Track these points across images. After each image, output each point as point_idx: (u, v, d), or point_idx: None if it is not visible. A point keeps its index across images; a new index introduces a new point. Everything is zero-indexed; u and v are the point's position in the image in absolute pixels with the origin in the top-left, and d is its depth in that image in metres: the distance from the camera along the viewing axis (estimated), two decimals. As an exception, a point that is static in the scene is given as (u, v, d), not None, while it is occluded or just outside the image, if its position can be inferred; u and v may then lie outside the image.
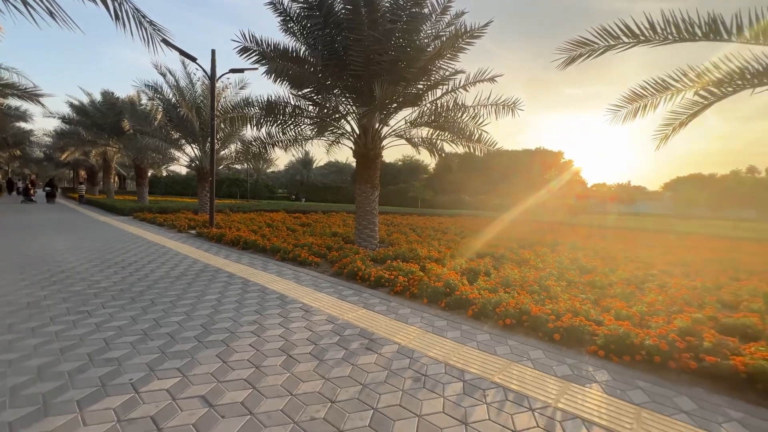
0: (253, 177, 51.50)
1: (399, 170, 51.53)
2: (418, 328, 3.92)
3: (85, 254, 7.27)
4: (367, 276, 5.74)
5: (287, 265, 6.86)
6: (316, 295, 4.98)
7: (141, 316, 3.97)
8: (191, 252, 7.94)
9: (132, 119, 17.55)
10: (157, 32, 5.66)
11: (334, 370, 2.95)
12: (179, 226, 11.89)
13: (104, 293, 4.75)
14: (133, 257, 7.15)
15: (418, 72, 7.61)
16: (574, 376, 2.98)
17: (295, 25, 8.15)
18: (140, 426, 2.19)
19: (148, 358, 3.02)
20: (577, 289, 5.36)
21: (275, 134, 9.54)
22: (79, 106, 23.03)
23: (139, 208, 16.92)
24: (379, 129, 8.95)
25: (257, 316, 4.09)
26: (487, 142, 9.13)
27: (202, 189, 15.95)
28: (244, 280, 5.64)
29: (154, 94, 15.39)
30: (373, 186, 8.91)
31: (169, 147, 15.92)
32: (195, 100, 15.20)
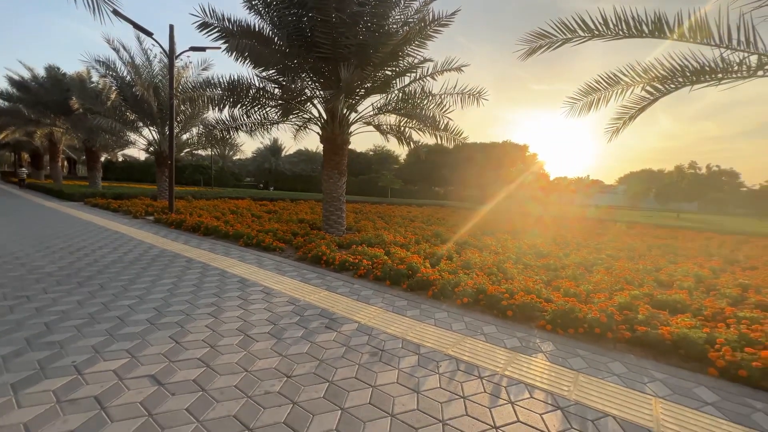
0: (218, 164, 49.52)
1: (370, 160, 51.38)
2: (379, 308, 4.00)
3: (28, 240, 6.75)
4: (331, 260, 5.74)
5: (250, 251, 6.71)
6: (279, 279, 4.92)
7: (88, 300, 3.76)
8: (147, 237, 7.57)
9: (81, 97, 16.25)
10: (105, 1, 5.25)
11: (291, 347, 2.96)
12: (135, 212, 11.27)
13: (47, 278, 4.45)
14: (82, 243, 6.72)
15: (386, 57, 7.57)
16: (522, 347, 3.17)
17: (259, 2, 7.84)
18: (82, 406, 2.11)
19: (94, 341, 2.89)
20: (532, 271, 5.65)
21: (239, 117, 9.21)
22: (19, 82, 21.03)
23: (91, 193, 15.84)
24: (347, 115, 8.86)
25: (215, 299, 3.99)
26: (453, 131, 9.29)
27: (161, 174, 15.15)
28: (204, 265, 5.47)
29: (107, 71, 14.31)
30: (341, 172, 8.85)
31: (124, 129, 14.93)
32: (152, 79, 14.30)
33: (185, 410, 2.11)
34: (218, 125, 9.58)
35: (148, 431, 1.93)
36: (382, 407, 2.24)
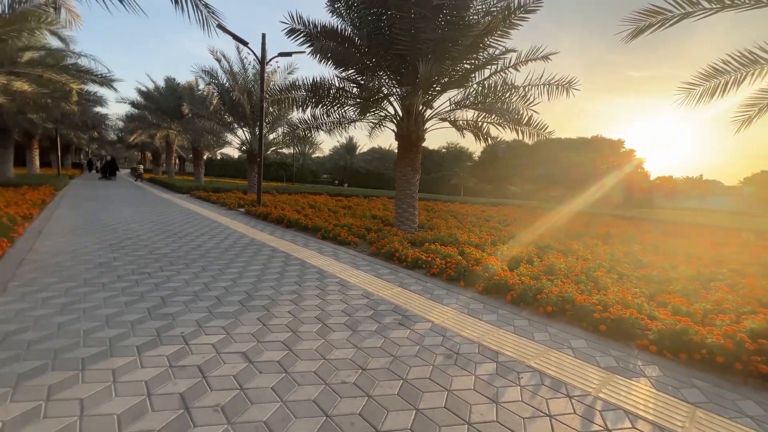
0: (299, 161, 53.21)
1: (442, 157, 50.56)
2: (453, 308, 3.87)
3: (149, 225, 7.97)
4: (404, 257, 5.74)
5: (327, 244, 7.04)
6: (353, 272, 5.07)
7: (193, 280, 4.29)
8: (239, 227, 8.42)
9: (190, 103, 18.75)
10: (212, 16, 5.92)
11: (366, 340, 3.00)
12: (230, 204, 12.63)
13: (163, 259, 5.19)
14: (189, 229, 7.72)
15: (465, 50, 7.31)
16: (619, 368, 2.78)
17: (342, 5, 8.14)
18: (188, 372, 2.38)
19: (197, 316, 3.27)
20: (630, 282, 4.97)
21: (320, 116, 9.72)
22: (145, 92, 25.02)
23: (196, 187, 18.19)
24: (423, 111, 8.77)
25: (296, 287, 4.25)
26: (537, 125, 8.62)
27: (251, 170, 16.77)
28: (286, 255, 5.89)
29: (210, 79, 16.27)
30: (414, 169, 8.81)
31: (223, 130, 16.85)
32: (247, 84, 15.87)
33: (271, 389, 2.26)
34: (301, 125, 10.23)
35: (239, 403, 2.10)
36: (459, 413, 2.14)
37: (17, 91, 11.30)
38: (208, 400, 2.11)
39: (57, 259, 4.81)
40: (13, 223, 6.25)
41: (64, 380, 2.22)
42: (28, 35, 10.82)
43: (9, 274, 4.10)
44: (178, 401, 2.08)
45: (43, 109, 14.97)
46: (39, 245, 5.52)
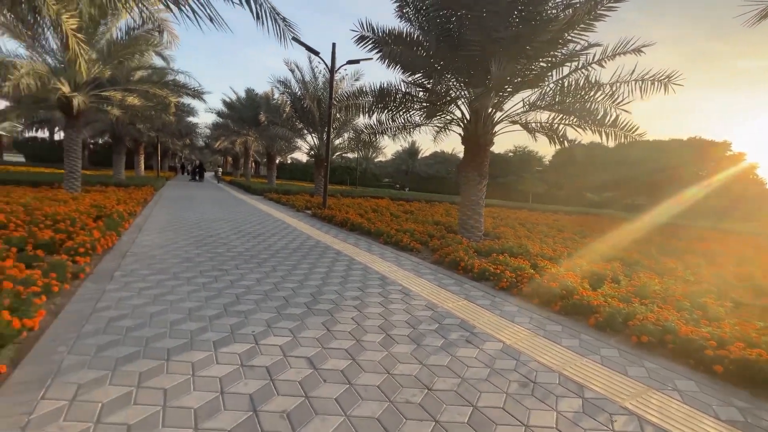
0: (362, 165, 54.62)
1: (509, 162, 48.17)
2: (527, 329, 3.52)
3: (228, 224, 8.66)
4: (469, 267, 5.45)
5: (389, 249, 7.00)
6: (416, 280, 4.93)
7: (264, 279, 4.50)
8: (306, 229, 8.76)
9: (266, 112, 20.24)
10: (288, 28, 6.25)
11: (431, 357, 2.84)
12: (298, 206, 13.29)
13: (238, 257, 5.55)
14: (262, 229, 8.23)
15: (542, 47, 6.80)
16: (748, 425, 2.26)
17: (410, 9, 8.09)
18: (257, 373, 2.44)
19: (267, 316, 3.38)
20: (749, 313, 4.13)
21: (385, 121, 9.78)
22: (229, 103, 27.66)
23: (268, 189, 19.53)
24: (492, 114, 8.36)
25: (359, 293, 4.23)
26: (625, 126, 7.70)
27: (318, 174, 17.52)
28: (350, 259, 5.94)
29: (284, 88, 17.40)
30: (481, 174, 8.42)
31: (294, 136, 17.89)
32: (317, 92, 16.66)
33: (335, 400, 2.21)
34: (366, 130, 10.39)
35: (304, 412, 2.07)
36: (540, 456, 1.88)
37: (129, 105, 13.14)
38: (275, 405, 2.12)
39: (152, 252, 5.39)
40: (122, 219, 7.19)
41: (152, 368, 2.40)
42: (139, 57, 12.55)
43: (115, 264, 4.67)
44: (247, 403, 2.12)
45: (147, 120, 17.25)
46: (140, 239, 6.26)
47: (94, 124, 19.83)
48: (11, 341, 2.59)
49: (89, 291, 3.70)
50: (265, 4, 5.90)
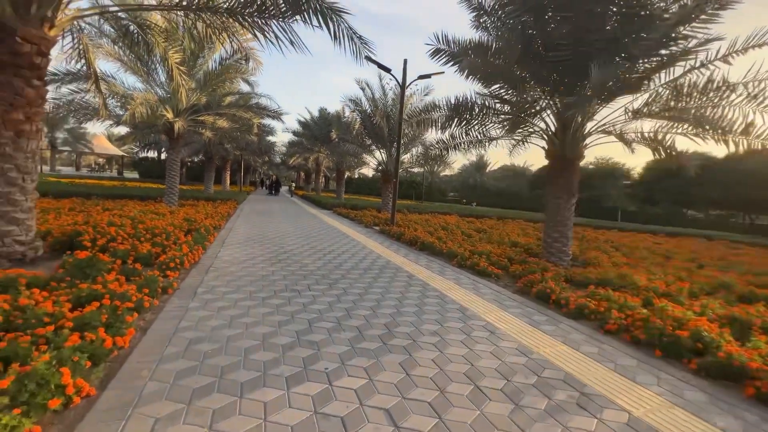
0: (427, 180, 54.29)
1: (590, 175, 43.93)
2: (656, 394, 2.77)
3: (300, 240, 8.85)
4: (563, 301, 4.70)
5: (465, 273, 6.45)
6: (501, 314, 4.34)
7: (336, 304, 4.30)
8: (375, 247, 8.58)
9: (337, 129, 21.05)
10: (364, 46, 6.22)
11: (536, 425, 2.29)
12: (366, 222, 13.31)
13: (310, 276, 5.49)
14: (331, 246, 8.23)
15: (650, 46, 5.85)
16: None
17: (488, 18, 7.65)
18: (332, 424, 2.14)
19: (340, 350, 3.12)
20: None
21: (458, 136, 9.33)
22: (303, 122, 29.49)
23: (337, 204, 20.09)
24: (582, 124, 7.44)
25: (438, 327, 3.80)
26: (762, 135, 6.27)
27: (385, 190, 17.55)
28: (423, 283, 5.54)
29: (354, 106, 17.89)
30: (569, 192, 7.49)
31: (363, 152, 18.24)
32: (386, 109, 16.85)
33: (423, 478, 1.80)
34: (438, 145, 10.03)
35: (387, 491, 1.70)
36: None
37: (218, 127, 14.51)
38: (353, 477, 1.78)
39: (231, 268, 5.57)
40: (208, 233, 7.71)
41: (225, 406, 2.25)
42: (229, 84, 13.85)
43: (198, 279, 4.87)
44: (322, 468, 1.82)
45: (233, 140, 18.95)
46: (221, 253, 6.58)
47: (191, 145, 22.45)
48: (104, 360, 2.65)
49: (174, 308, 3.81)
50: (342, 25, 5.94)
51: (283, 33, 5.92)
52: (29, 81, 4.69)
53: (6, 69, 4.53)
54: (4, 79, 4.52)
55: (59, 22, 4.91)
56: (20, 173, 4.73)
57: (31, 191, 4.90)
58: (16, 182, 4.70)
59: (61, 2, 4.87)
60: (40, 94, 4.85)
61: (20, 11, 4.48)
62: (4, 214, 4.64)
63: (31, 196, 4.93)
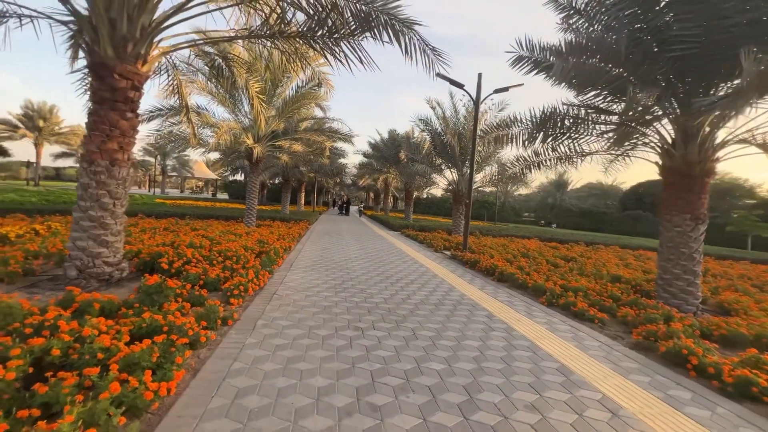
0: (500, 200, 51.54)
1: (699, 193, 37.49)
2: None
3: (366, 264, 8.45)
4: (711, 370, 3.44)
5: (557, 315, 5.35)
6: (621, 384, 3.27)
7: (404, 351, 3.66)
8: (447, 276, 7.79)
9: (407, 149, 20.87)
10: (438, 58, 5.74)
11: None
12: (436, 245, 12.54)
13: (375, 310, 4.94)
14: (399, 273, 7.66)
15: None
16: None
17: (581, 18, 6.67)
18: None
19: (409, 424, 2.46)
20: None
21: (542, 152, 8.26)
22: (373, 144, 30.08)
23: (405, 225, 19.63)
24: (712, 133, 5.94)
25: (535, 397, 2.92)
26: None
27: (456, 211, 16.64)
28: (507, 327, 4.63)
29: (424, 125, 17.52)
30: (696, 217, 5.96)
31: (432, 172, 17.66)
32: (457, 127, 16.17)
33: None
34: (518, 162, 9.01)
35: None
36: None
37: (294, 151, 15.19)
38: None
39: (295, 297, 5.29)
40: (277, 256, 7.70)
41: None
42: (304, 110, 14.49)
43: (261, 308, 4.63)
44: None
45: (307, 163, 19.79)
46: (287, 279, 6.41)
47: (271, 169, 24.15)
48: (143, 413, 2.36)
49: (231, 343, 3.52)
50: (414, 37, 5.53)
51: (353, 52, 5.72)
52: (123, 114, 5.05)
53: (104, 103, 4.92)
54: (103, 112, 4.91)
55: (150, 58, 5.27)
56: (112, 198, 5.05)
57: (120, 215, 5.20)
58: (108, 207, 5.01)
59: (153, 42, 5.23)
60: (132, 125, 5.20)
61: (119, 50, 4.86)
62: (96, 237, 4.94)
63: (120, 219, 5.23)
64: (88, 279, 4.85)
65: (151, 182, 52.69)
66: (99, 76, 4.90)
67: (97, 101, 4.93)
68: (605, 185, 51.52)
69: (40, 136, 39.86)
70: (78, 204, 4.96)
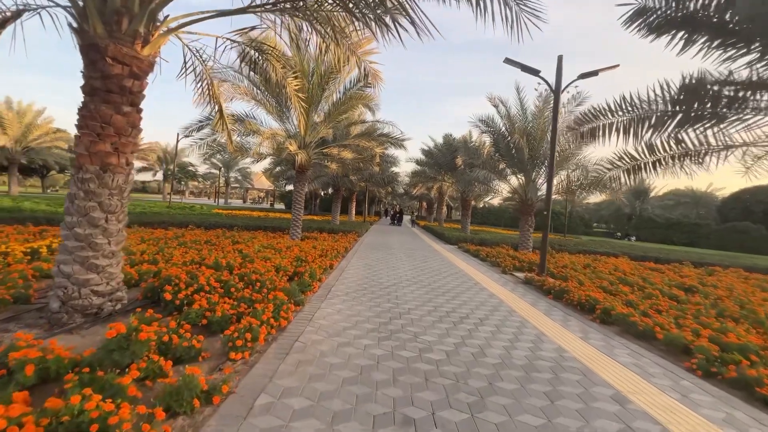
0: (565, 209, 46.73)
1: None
2: None
3: (420, 292, 6.84)
4: None
5: (735, 400, 3.28)
6: None
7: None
8: (528, 313, 5.89)
9: (464, 154, 18.97)
10: (523, 7, 4.04)
11: None
12: (503, 264, 10.53)
13: (435, 378, 3.32)
14: (464, 307, 5.93)
15: None
16: None
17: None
18: None
19: None
20: None
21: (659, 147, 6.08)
22: (426, 150, 28.45)
23: (463, 238, 17.64)
24: None
25: None
26: None
27: (524, 223, 14.37)
28: (649, 418, 2.72)
29: (485, 127, 15.54)
30: None
31: (495, 178, 15.55)
32: (525, 126, 14.01)
33: None
34: (621, 163, 6.86)
35: None
36: None
37: (342, 158, 14.15)
38: None
39: (323, 347, 3.86)
40: (312, 279, 6.42)
41: None
42: (351, 112, 13.41)
43: (270, 369, 3.25)
44: None
45: (358, 172, 18.75)
46: (320, 313, 5.04)
47: (321, 178, 23.61)
48: None
49: (199, 454, 2.15)
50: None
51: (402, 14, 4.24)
52: (119, 107, 4.07)
53: (96, 95, 3.97)
54: (93, 106, 3.97)
55: (154, 39, 4.28)
56: (104, 212, 4.06)
57: (116, 232, 4.21)
58: (98, 223, 4.03)
59: (155, 16, 4.23)
60: (131, 122, 4.21)
61: (111, 27, 3.90)
62: (84, 260, 3.97)
63: (116, 238, 4.24)
64: (71, 313, 3.87)
65: (216, 193, 56.16)
66: (90, 61, 3.99)
67: (88, 92, 4.02)
68: (697, 192, 44.40)
69: (123, 153, 44.19)
70: (64, 220, 4.04)
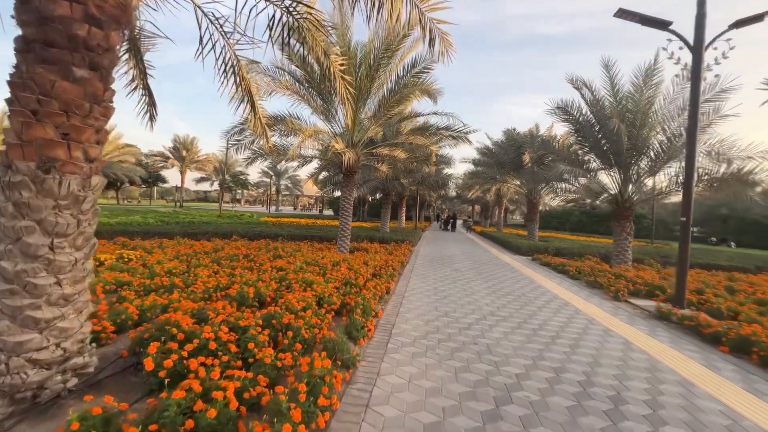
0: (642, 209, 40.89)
1: None
2: None
3: (518, 336, 4.77)
4: None
5: None
6: None
7: None
8: (701, 382, 3.58)
9: (534, 149, 16.33)
10: None
11: None
12: (608, 286, 8.02)
13: None
14: (601, 370, 3.77)
15: None
16: None
17: None
18: None
19: None
20: None
21: None
22: (483, 149, 25.83)
23: (535, 247, 15.04)
24: None
25: None
26: None
27: (620, 229, 11.52)
28: None
29: (564, 114, 12.89)
30: None
31: (582, 174, 12.78)
32: (621, 109, 11.22)
33: None
34: None
35: None
36: None
37: (394, 158, 12.39)
38: None
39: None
40: (366, 317, 4.65)
41: None
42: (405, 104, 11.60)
43: None
44: None
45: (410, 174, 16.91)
46: (379, 391, 3.22)
47: (370, 183, 22.13)
48: None
49: None
50: None
51: None
52: (66, 69, 2.60)
53: (30, 51, 2.53)
54: (27, 68, 2.52)
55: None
56: (47, 236, 2.60)
57: (69, 266, 2.72)
58: (38, 252, 2.56)
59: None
60: (90, 94, 2.73)
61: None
62: (15, 311, 2.52)
63: (72, 275, 2.75)
64: (-5, 398, 2.42)
65: (268, 201, 57.55)
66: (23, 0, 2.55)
67: (21, 48, 2.59)
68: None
69: (183, 165, 46.70)
70: (-8, 247, 2.62)
